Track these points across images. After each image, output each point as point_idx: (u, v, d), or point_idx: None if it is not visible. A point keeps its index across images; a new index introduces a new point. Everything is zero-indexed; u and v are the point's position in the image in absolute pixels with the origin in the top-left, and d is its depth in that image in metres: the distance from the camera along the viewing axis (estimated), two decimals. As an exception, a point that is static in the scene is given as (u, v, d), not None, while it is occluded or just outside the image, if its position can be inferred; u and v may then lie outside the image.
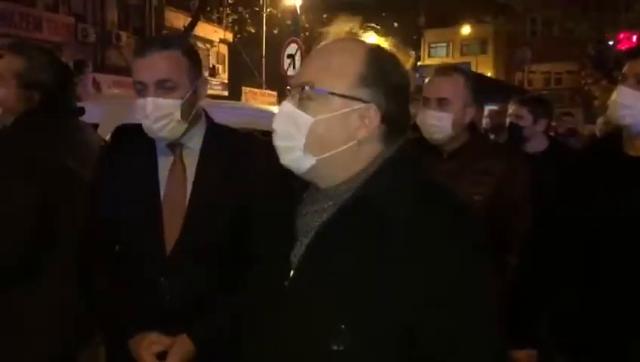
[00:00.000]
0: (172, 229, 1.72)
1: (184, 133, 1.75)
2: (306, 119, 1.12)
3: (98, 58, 18.28)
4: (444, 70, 2.42)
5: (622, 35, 16.22)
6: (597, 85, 24.03)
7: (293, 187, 1.21)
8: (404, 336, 1.05)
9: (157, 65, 1.68)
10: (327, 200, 1.16)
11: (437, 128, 2.29)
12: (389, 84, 1.15)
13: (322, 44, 1.21)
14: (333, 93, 1.12)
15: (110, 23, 18.95)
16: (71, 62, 8.65)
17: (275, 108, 6.24)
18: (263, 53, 23.30)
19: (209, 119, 1.88)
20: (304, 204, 1.20)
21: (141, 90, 1.70)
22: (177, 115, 1.69)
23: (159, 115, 1.67)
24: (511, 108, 3.79)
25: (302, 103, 1.13)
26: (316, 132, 1.12)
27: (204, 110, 1.88)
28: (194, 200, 1.74)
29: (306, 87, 1.13)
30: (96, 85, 15.06)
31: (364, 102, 1.13)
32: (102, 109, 5.11)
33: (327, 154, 1.13)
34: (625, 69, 1.90)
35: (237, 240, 1.66)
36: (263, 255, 1.25)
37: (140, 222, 1.73)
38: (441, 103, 2.28)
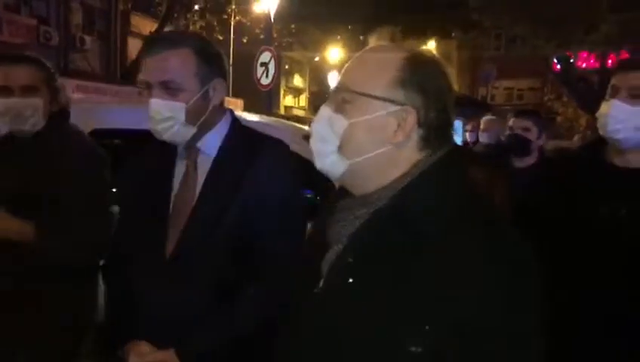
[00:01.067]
0: (175, 237, 1.67)
1: (197, 138, 1.67)
2: (340, 122, 1.12)
3: (61, 62, 17.84)
4: None
5: (584, 55, 16.76)
6: (559, 101, 24.68)
7: (322, 194, 1.21)
8: (433, 355, 1.01)
9: (162, 64, 1.60)
10: (361, 208, 1.13)
11: None
12: (427, 87, 1.11)
13: (365, 49, 1.22)
14: (368, 95, 1.10)
15: (74, 26, 18.52)
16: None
17: (245, 115, 6.14)
18: (231, 60, 23.18)
19: (234, 121, 1.78)
20: (338, 211, 1.17)
21: (145, 88, 1.63)
22: (182, 118, 1.61)
23: (162, 117, 1.60)
24: (512, 121, 3.81)
25: (339, 107, 1.13)
26: (350, 135, 1.11)
27: (230, 111, 1.79)
28: (197, 207, 1.68)
29: (342, 90, 1.13)
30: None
31: (399, 104, 1.10)
32: (73, 113, 4.94)
33: (361, 159, 1.11)
34: (616, 82, 1.88)
35: (241, 254, 1.60)
36: (270, 266, 1.31)
37: (147, 227, 1.69)
38: None
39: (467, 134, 7.67)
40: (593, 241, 1.82)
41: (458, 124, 8.15)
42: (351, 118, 1.11)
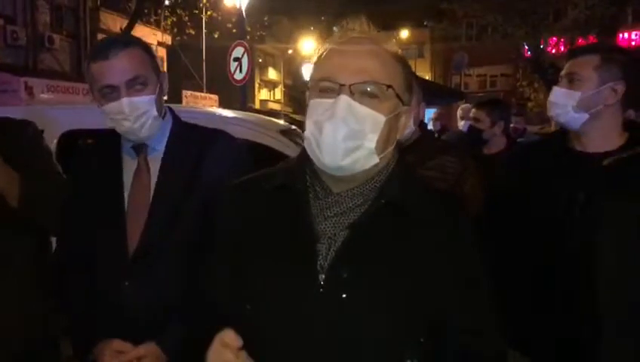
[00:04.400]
0: (135, 233, 1.68)
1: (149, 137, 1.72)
2: (379, 118, 1.10)
3: (30, 62, 17.52)
4: None
5: (553, 40, 17.03)
6: (530, 87, 25.02)
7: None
8: (439, 326, 1.12)
9: (124, 64, 1.63)
10: (354, 200, 1.15)
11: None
12: (411, 90, 1.20)
13: (361, 41, 1.17)
14: (397, 94, 1.13)
15: (42, 25, 18.17)
16: None
17: (224, 111, 6.12)
18: (204, 55, 22.98)
19: (175, 117, 1.84)
20: (321, 208, 1.16)
21: (110, 93, 1.63)
22: (154, 110, 1.66)
23: (138, 113, 1.62)
24: (465, 112, 3.93)
25: (367, 102, 1.10)
26: (384, 132, 1.12)
27: (169, 108, 1.85)
28: (155, 203, 1.70)
29: (375, 86, 1.10)
30: (29, 90, 14.43)
31: (405, 104, 1.16)
32: (45, 115, 4.89)
33: (384, 153, 1.14)
34: (563, 70, 2.01)
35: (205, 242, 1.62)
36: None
37: (104, 226, 1.69)
38: None
39: (433, 124, 7.76)
40: (553, 225, 1.88)
41: (430, 112, 8.22)
42: (386, 114, 1.11)
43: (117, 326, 1.64)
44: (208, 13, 22.26)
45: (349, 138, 1.09)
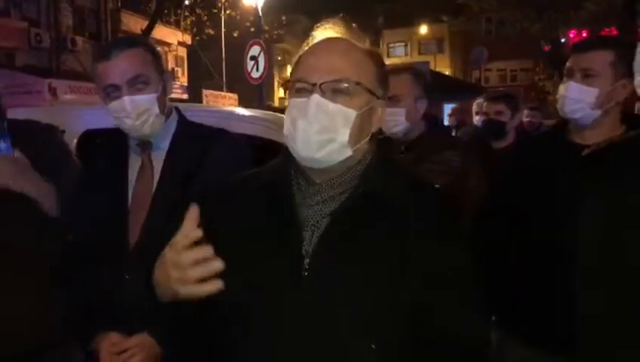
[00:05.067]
0: (136, 228, 1.74)
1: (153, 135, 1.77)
2: (350, 113, 1.18)
3: (53, 64, 17.84)
4: (392, 70, 2.57)
5: (573, 33, 16.75)
6: (550, 81, 24.73)
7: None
8: (417, 311, 1.16)
9: (126, 64, 1.70)
10: (334, 189, 1.22)
11: (393, 122, 2.46)
12: (386, 84, 1.27)
13: (332, 41, 1.24)
14: (365, 88, 1.20)
15: (65, 27, 18.49)
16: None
17: (240, 110, 6.20)
18: (223, 55, 23.14)
19: (180, 116, 1.89)
20: (303, 196, 1.23)
21: (113, 92, 1.70)
22: (155, 109, 1.73)
23: (139, 111, 1.69)
24: (485, 106, 3.90)
25: (338, 98, 1.18)
26: (356, 125, 1.19)
27: (175, 107, 1.90)
28: (156, 199, 1.76)
29: (344, 84, 1.18)
30: (53, 91, 14.70)
31: (379, 98, 1.24)
32: (67, 115, 5.04)
33: (358, 146, 1.21)
34: (570, 64, 1.98)
35: None
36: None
37: (107, 220, 1.74)
38: (393, 100, 2.45)
39: (449, 119, 7.76)
40: (554, 216, 1.91)
41: (449, 108, 8.24)
42: (356, 109, 1.18)
43: (117, 318, 1.70)
44: (227, 12, 22.41)
45: (320, 133, 1.17)
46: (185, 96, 23.29)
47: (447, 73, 28.92)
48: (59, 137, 2.12)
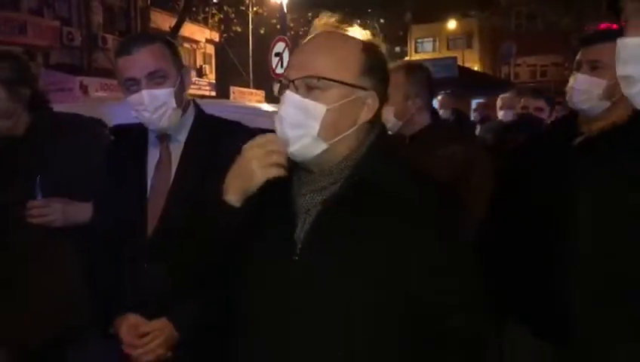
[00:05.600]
0: (155, 217, 1.80)
1: (172, 128, 1.83)
2: (319, 108, 1.21)
3: (85, 61, 18.20)
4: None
5: (604, 26, 16.45)
6: (582, 76, 24.24)
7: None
8: (407, 300, 1.18)
9: (145, 59, 1.75)
10: (326, 179, 1.25)
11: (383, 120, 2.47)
12: (383, 75, 1.28)
13: (315, 37, 1.28)
14: (342, 83, 1.21)
15: (96, 25, 18.86)
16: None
17: (264, 106, 6.27)
18: (250, 52, 23.30)
19: (198, 110, 1.94)
20: (300, 185, 1.28)
21: (132, 85, 1.76)
22: (172, 102, 1.78)
23: (157, 105, 1.75)
24: (523, 100, 3.85)
25: (311, 93, 1.21)
26: (328, 119, 1.21)
27: (193, 101, 1.95)
28: (173, 189, 1.81)
29: (317, 79, 1.20)
30: (84, 89, 15.00)
31: (365, 89, 1.24)
32: (96, 111, 5.16)
33: (336, 139, 1.23)
34: (579, 57, 2.00)
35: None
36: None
37: (127, 210, 1.81)
38: None
39: (473, 114, 7.73)
40: (565, 209, 1.92)
41: (475, 104, 8.17)
42: (328, 104, 1.20)
43: (136, 304, 1.76)
44: (254, 9, 22.55)
45: (291, 128, 1.21)
46: (213, 93, 23.52)
47: (475, 68, 28.60)
48: (98, 130, 2.21)
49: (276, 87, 1.29)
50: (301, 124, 1.21)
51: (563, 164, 1.93)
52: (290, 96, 1.22)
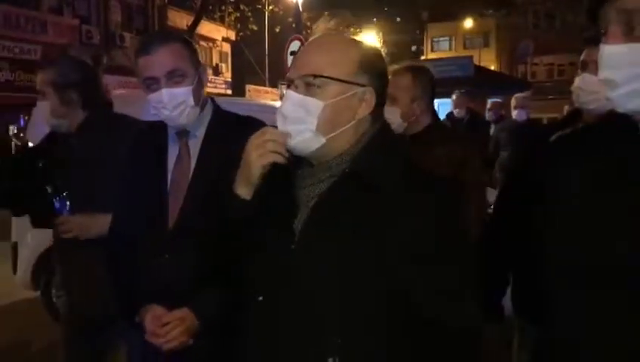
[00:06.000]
0: (175, 210, 1.86)
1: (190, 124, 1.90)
2: (317, 104, 1.27)
3: (103, 60, 18.41)
4: (393, 71, 2.66)
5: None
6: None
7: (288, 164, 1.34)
8: (396, 292, 1.22)
9: (164, 58, 1.81)
10: (325, 172, 1.31)
11: (389, 121, 2.53)
12: (380, 71, 1.35)
13: (315, 39, 1.35)
14: (339, 80, 1.28)
15: (114, 24, 19.09)
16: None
17: (279, 104, 6.31)
18: (266, 50, 23.39)
19: (215, 107, 2.00)
20: (302, 178, 1.35)
21: (152, 84, 1.82)
22: (191, 100, 1.84)
23: (175, 103, 1.81)
24: (518, 101, 3.86)
25: (309, 90, 1.28)
26: (326, 114, 1.28)
27: (211, 98, 2.02)
28: (193, 183, 1.88)
29: (313, 77, 1.27)
30: (103, 87, 15.18)
31: (362, 86, 1.30)
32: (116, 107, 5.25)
33: (334, 134, 1.29)
34: (584, 57, 2.02)
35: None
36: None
37: (148, 204, 1.88)
38: (390, 99, 2.52)
39: (487, 114, 7.71)
40: (565, 202, 1.95)
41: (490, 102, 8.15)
42: (325, 100, 1.27)
43: (158, 294, 1.83)
44: (270, 8, 22.63)
45: (292, 123, 1.28)
46: (229, 91, 23.67)
47: (492, 68, 28.44)
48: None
49: (282, 88, 1.36)
50: (300, 120, 1.27)
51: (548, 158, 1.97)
52: (290, 93, 1.30)
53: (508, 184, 2.32)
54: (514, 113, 6.77)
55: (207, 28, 23.38)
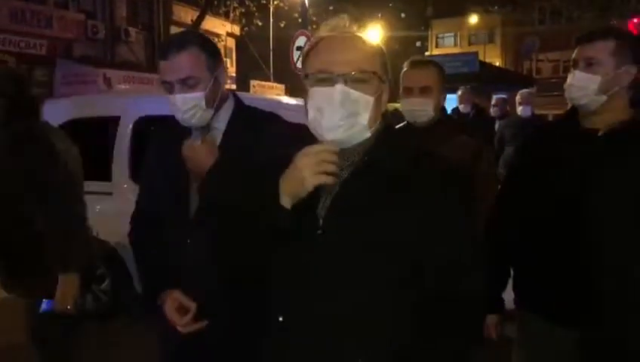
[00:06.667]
0: (196, 199, 1.96)
1: (212, 117, 1.98)
2: (368, 99, 1.36)
3: (108, 54, 18.47)
4: (421, 63, 2.76)
5: (636, 21, 16.16)
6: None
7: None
8: (414, 268, 1.31)
9: (178, 65, 1.88)
10: (345, 161, 1.39)
11: (423, 112, 2.63)
12: (388, 72, 1.44)
13: (340, 37, 1.40)
14: (377, 75, 1.38)
15: (119, 18, 19.12)
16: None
17: (284, 99, 6.34)
18: (271, 46, 23.40)
19: (237, 101, 2.09)
20: None
21: (169, 88, 1.91)
22: (203, 104, 1.92)
23: (187, 107, 1.90)
24: (523, 97, 3.87)
25: (356, 86, 1.34)
26: (373, 108, 1.37)
27: (233, 93, 2.11)
28: (213, 172, 1.94)
29: (361, 72, 1.34)
30: (107, 81, 15.20)
31: (385, 82, 1.41)
32: (122, 103, 5.30)
33: (374, 126, 1.40)
34: (574, 55, 2.10)
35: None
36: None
37: (171, 192, 2.00)
38: (424, 91, 2.61)
39: (492, 110, 7.77)
40: (569, 200, 1.99)
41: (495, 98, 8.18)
42: (373, 94, 1.36)
43: (180, 279, 1.94)
44: (275, 3, 22.63)
45: (346, 117, 1.34)
46: (233, 87, 23.67)
47: (497, 64, 28.40)
48: None
49: (309, 81, 1.39)
50: (353, 114, 1.34)
51: (581, 155, 2.00)
52: (343, 89, 1.33)
53: (508, 177, 2.37)
54: (519, 109, 6.79)
55: (211, 23, 23.37)
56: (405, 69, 2.70)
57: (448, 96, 2.90)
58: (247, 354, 1.53)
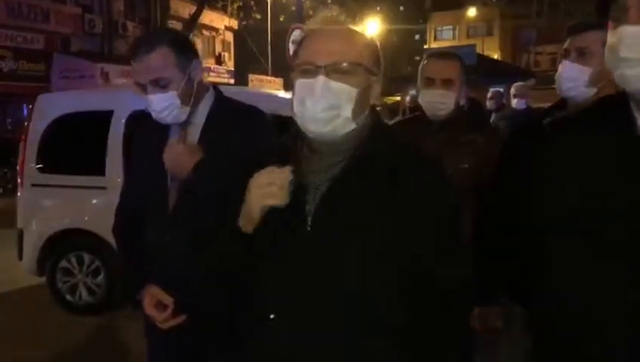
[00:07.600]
0: (175, 193, 1.96)
1: (190, 113, 1.97)
2: (351, 90, 1.33)
3: (105, 48, 18.43)
4: (445, 55, 2.68)
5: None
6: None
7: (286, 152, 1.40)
8: (403, 264, 1.31)
9: (148, 66, 1.88)
10: (334, 157, 1.37)
11: (443, 105, 2.53)
12: (380, 64, 1.42)
13: (331, 29, 1.39)
14: (364, 67, 1.35)
15: (116, 12, 19.06)
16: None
17: (281, 93, 6.33)
18: (269, 39, 23.35)
19: (217, 94, 2.07)
20: (309, 164, 1.39)
21: (142, 89, 1.91)
22: (177, 103, 1.91)
23: (162, 107, 1.90)
24: (518, 90, 3.85)
25: (340, 77, 1.32)
26: (357, 100, 1.34)
27: (214, 86, 2.09)
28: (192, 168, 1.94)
29: (346, 64, 1.32)
30: (105, 76, 15.21)
31: (376, 75, 1.39)
32: (116, 97, 5.30)
33: (360, 118, 1.37)
34: (566, 45, 2.05)
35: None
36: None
37: (151, 186, 1.99)
38: (446, 83, 2.51)
39: (488, 103, 7.77)
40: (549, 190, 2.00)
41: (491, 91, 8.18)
42: (357, 87, 1.33)
43: (159, 274, 1.92)
44: (273, -4, 22.56)
45: (327, 109, 1.31)
46: (231, 81, 23.62)
47: (495, 57, 28.32)
48: None
49: (295, 73, 1.37)
50: (335, 106, 1.32)
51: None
52: (324, 80, 1.31)
53: (499, 171, 2.36)
54: (513, 102, 6.82)
55: (209, 17, 23.32)
56: (426, 60, 2.63)
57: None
58: (230, 348, 1.52)
